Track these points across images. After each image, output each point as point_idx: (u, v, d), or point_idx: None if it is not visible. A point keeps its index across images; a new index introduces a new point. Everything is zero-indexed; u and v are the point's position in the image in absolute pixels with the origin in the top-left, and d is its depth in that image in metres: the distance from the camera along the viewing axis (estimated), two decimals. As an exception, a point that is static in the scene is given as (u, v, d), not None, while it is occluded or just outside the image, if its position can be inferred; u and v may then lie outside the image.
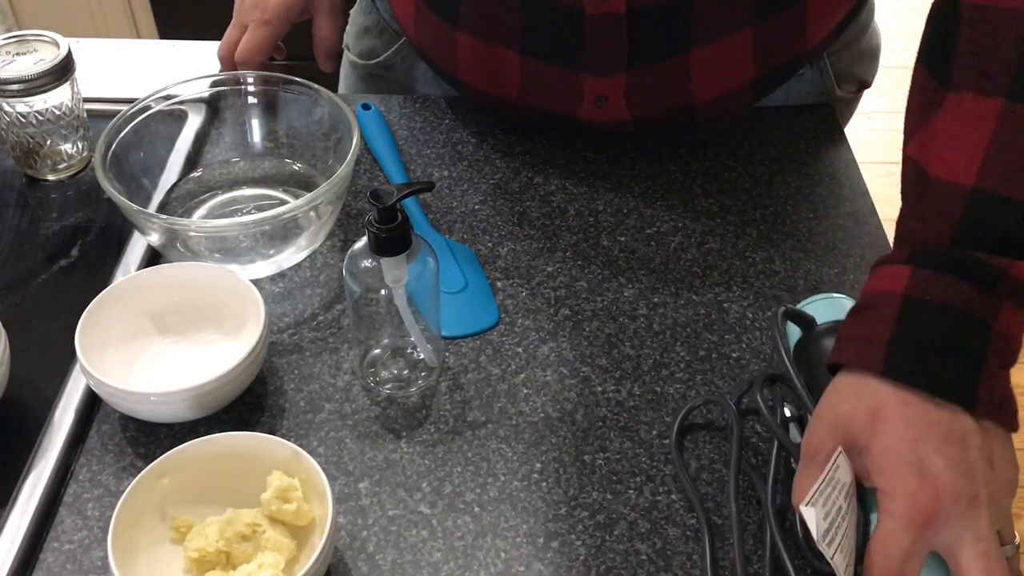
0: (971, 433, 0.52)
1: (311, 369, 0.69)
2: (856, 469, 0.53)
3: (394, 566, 0.58)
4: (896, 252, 0.59)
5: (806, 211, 0.81)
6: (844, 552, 0.51)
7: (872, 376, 0.54)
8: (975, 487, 0.50)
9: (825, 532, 0.49)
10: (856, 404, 0.54)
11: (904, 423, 0.52)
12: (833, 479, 0.52)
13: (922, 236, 0.58)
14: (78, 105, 0.83)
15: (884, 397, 0.53)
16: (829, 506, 0.51)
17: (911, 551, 0.50)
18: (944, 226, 0.57)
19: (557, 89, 0.80)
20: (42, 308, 0.73)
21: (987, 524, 0.50)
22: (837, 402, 0.55)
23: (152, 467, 0.57)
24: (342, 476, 0.63)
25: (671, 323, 0.72)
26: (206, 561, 0.56)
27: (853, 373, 0.55)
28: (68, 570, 0.58)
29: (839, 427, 0.54)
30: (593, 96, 0.79)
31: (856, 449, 0.53)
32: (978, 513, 0.50)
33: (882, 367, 0.53)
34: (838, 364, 0.56)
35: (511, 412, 0.67)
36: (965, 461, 0.51)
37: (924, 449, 0.51)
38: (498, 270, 0.76)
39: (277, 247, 0.74)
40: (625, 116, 0.81)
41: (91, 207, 0.82)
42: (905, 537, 0.50)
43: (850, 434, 0.53)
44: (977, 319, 0.53)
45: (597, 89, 0.78)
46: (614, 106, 0.80)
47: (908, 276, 0.55)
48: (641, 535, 0.60)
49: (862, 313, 0.57)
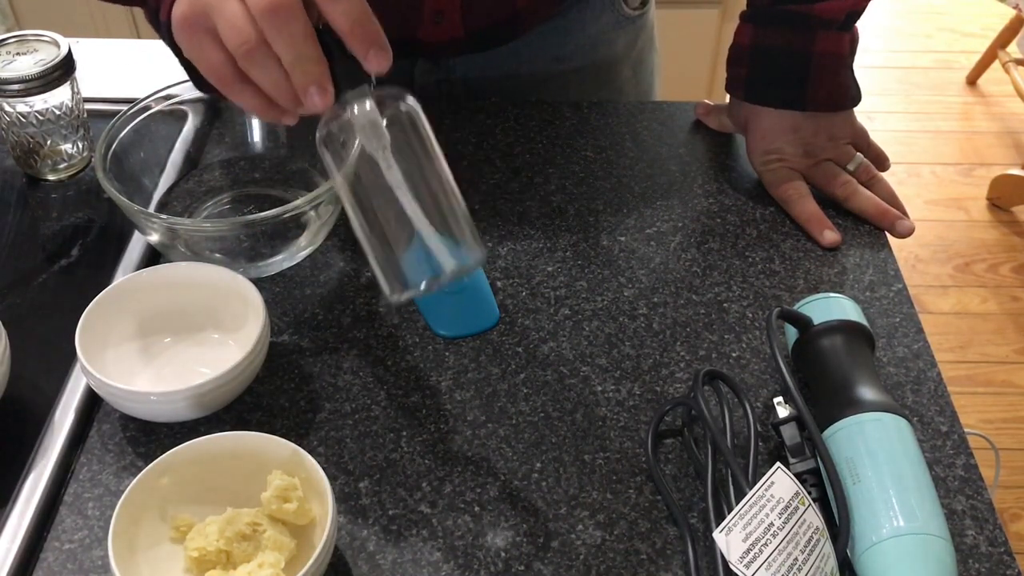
0: (800, 126, 0.82)
1: (311, 369, 0.69)
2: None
3: (394, 566, 0.58)
4: (744, 11, 0.85)
5: (806, 211, 0.81)
6: (774, 568, 0.53)
7: (740, 100, 0.85)
8: (807, 150, 0.82)
9: (744, 553, 0.53)
10: (737, 112, 0.86)
11: (761, 129, 0.83)
12: (763, 497, 0.55)
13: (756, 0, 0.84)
14: (78, 105, 0.83)
15: (747, 112, 0.84)
16: (753, 526, 0.54)
17: (780, 173, 0.82)
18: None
19: (395, 10, 0.80)
20: (42, 308, 0.73)
21: (829, 170, 0.82)
22: (729, 108, 0.88)
23: (152, 467, 0.57)
24: (342, 476, 0.63)
25: (671, 323, 0.72)
26: (206, 560, 0.56)
27: (732, 101, 0.87)
28: (68, 569, 0.58)
29: (736, 113, 0.86)
30: (432, 12, 0.83)
31: (745, 128, 0.85)
32: (820, 166, 0.82)
33: (743, 95, 0.84)
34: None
35: (511, 412, 0.67)
36: (801, 141, 0.82)
37: (769, 139, 0.83)
38: (498, 270, 0.76)
39: (277, 247, 0.74)
40: (459, 32, 0.86)
41: (91, 207, 0.82)
42: (772, 174, 0.83)
43: (739, 123, 0.86)
44: (798, 52, 0.81)
45: (436, 3, 0.83)
46: (451, 20, 0.85)
47: (750, 32, 0.84)
48: (641, 535, 0.60)
49: (732, 61, 0.86)
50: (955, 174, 2.43)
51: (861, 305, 0.69)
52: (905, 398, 0.68)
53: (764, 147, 0.83)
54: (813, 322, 0.66)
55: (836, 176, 0.82)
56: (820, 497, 0.60)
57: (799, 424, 0.61)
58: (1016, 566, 0.59)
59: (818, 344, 0.65)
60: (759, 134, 0.83)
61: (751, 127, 0.84)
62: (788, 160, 0.82)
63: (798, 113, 0.82)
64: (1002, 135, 2.56)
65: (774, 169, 0.82)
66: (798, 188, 0.81)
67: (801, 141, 0.82)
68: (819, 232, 0.79)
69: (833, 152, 0.82)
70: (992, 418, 1.88)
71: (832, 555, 0.55)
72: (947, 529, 0.56)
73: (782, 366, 0.61)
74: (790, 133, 0.82)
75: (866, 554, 0.55)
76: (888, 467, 0.58)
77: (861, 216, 0.81)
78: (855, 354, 0.64)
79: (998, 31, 2.60)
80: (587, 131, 0.88)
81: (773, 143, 0.82)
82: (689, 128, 0.89)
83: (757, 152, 0.83)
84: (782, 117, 0.82)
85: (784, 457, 0.61)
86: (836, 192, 0.81)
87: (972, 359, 1.99)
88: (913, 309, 0.74)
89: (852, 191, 0.81)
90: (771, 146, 0.82)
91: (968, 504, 0.62)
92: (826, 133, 0.82)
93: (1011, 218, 2.31)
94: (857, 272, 0.77)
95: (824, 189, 0.82)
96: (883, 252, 0.79)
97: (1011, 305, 2.10)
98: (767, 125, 0.83)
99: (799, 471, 0.60)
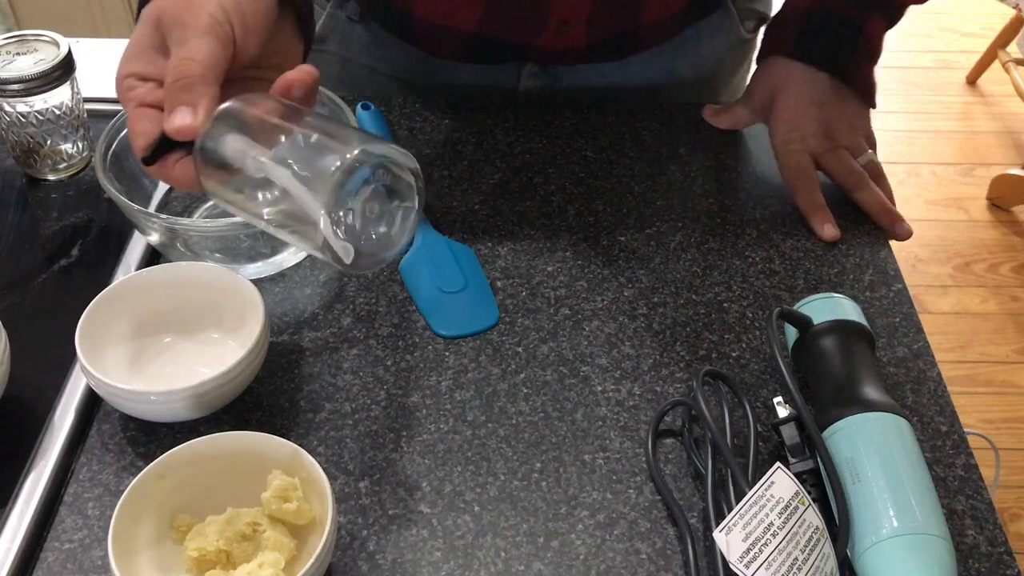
0: (828, 102, 0.82)
1: (311, 369, 0.69)
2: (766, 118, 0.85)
3: (394, 566, 0.58)
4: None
5: (806, 211, 0.81)
6: (774, 567, 0.53)
7: (782, 57, 0.84)
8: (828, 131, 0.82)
9: (744, 552, 0.53)
10: (767, 79, 0.85)
11: (789, 96, 0.83)
12: (763, 497, 0.55)
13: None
14: (78, 105, 0.83)
15: (782, 76, 0.84)
16: (753, 526, 0.54)
17: (794, 156, 0.82)
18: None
19: (520, 17, 0.81)
20: (42, 308, 0.73)
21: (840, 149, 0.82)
22: (758, 75, 0.87)
23: (152, 467, 0.57)
24: (342, 475, 0.63)
25: (671, 323, 0.72)
26: (206, 560, 0.56)
27: (770, 59, 0.85)
28: (68, 569, 0.58)
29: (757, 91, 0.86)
30: (558, 20, 0.82)
31: (766, 106, 0.84)
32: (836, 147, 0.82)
33: (790, 50, 0.84)
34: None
35: (511, 412, 0.67)
36: (824, 119, 0.82)
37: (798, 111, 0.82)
38: (498, 270, 0.76)
39: (277, 247, 0.74)
40: (580, 42, 0.84)
41: (91, 207, 0.82)
42: (788, 155, 0.82)
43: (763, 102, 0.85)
44: (854, 24, 0.83)
45: (563, 12, 0.81)
46: (574, 31, 0.83)
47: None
48: (641, 535, 0.60)
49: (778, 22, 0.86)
50: (955, 174, 2.43)
51: (861, 305, 0.69)
52: (905, 398, 0.68)
53: (788, 125, 0.82)
54: (813, 322, 0.66)
55: (849, 165, 0.82)
56: (820, 497, 0.60)
57: (799, 424, 0.61)
58: (1016, 566, 0.59)
59: (818, 344, 0.65)
60: (786, 108, 0.83)
61: (778, 102, 0.83)
62: (808, 141, 0.82)
63: (828, 90, 0.82)
64: (1002, 135, 2.56)
65: (794, 151, 0.82)
66: (810, 178, 0.81)
67: (825, 120, 0.82)
68: (820, 225, 0.79)
69: (850, 139, 0.83)
70: (992, 418, 1.89)
71: (832, 555, 0.55)
72: (947, 529, 0.56)
73: (782, 366, 0.61)
74: (816, 109, 0.82)
75: (866, 554, 0.55)
76: (888, 467, 0.58)
77: (864, 210, 0.81)
78: (855, 354, 0.64)
79: (998, 31, 2.60)
80: (587, 131, 0.88)
81: (797, 119, 0.82)
82: (689, 128, 0.89)
83: (780, 131, 0.83)
84: (813, 89, 0.82)
85: (784, 457, 0.61)
86: (846, 180, 0.81)
87: (972, 359, 1.99)
88: (913, 309, 0.74)
89: (862, 183, 0.81)
90: (795, 122, 0.82)
91: (968, 504, 0.62)
92: (848, 119, 0.83)
93: (1011, 218, 2.32)
94: (857, 272, 0.77)
95: (835, 176, 0.82)
96: (883, 252, 0.79)
97: (1011, 305, 2.10)
98: (796, 96, 0.83)
99: (799, 471, 0.60)
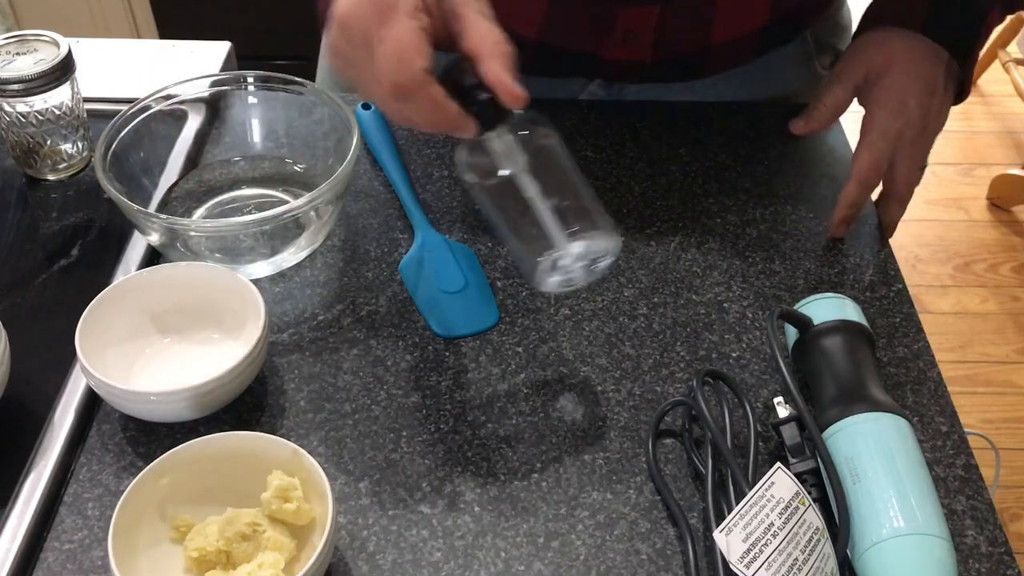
0: (939, 91, 0.77)
1: (311, 369, 0.69)
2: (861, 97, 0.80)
3: (394, 566, 0.58)
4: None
5: (806, 211, 0.81)
6: (774, 568, 0.53)
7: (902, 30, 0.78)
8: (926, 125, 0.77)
9: (744, 553, 0.53)
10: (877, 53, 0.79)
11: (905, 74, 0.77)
12: (763, 497, 0.55)
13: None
14: (78, 105, 0.83)
15: (899, 52, 0.78)
16: (754, 526, 0.54)
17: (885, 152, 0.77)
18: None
19: (584, 23, 0.80)
20: (42, 308, 0.73)
21: (921, 154, 0.79)
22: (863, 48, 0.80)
23: (152, 467, 0.57)
24: (342, 476, 0.63)
25: (671, 323, 0.72)
26: (206, 561, 0.56)
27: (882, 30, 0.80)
28: (68, 570, 0.58)
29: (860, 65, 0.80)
30: (623, 30, 0.80)
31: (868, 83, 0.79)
32: (922, 144, 0.78)
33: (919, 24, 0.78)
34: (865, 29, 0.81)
35: (511, 412, 0.67)
36: (930, 109, 0.77)
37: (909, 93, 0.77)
38: (498, 270, 0.76)
39: (277, 247, 0.74)
40: (646, 55, 0.82)
41: (91, 207, 0.82)
42: (883, 143, 0.77)
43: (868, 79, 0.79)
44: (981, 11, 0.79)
45: (629, 22, 0.79)
46: (641, 42, 0.80)
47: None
48: (641, 535, 0.60)
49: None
50: (955, 174, 2.43)
51: (861, 305, 0.69)
52: (905, 398, 0.68)
53: (894, 111, 0.77)
54: (813, 322, 0.66)
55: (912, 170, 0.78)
56: (820, 497, 0.60)
57: (799, 424, 0.61)
58: (1016, 566, 0.59)
59: (818, 344, 0.65)
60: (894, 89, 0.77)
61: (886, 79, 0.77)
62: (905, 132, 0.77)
63: (942, 76, 0.77)
64: (1002, 135, 2.56)
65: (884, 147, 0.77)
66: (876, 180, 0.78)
67: (927, 108, 0.77)
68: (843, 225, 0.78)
69: (930, 141, 0.79)
70: (992, 418, 1.88)
71: (832, 555, 0.55)
72: (947, 529, 0.56)
73: (782, 366, 0.61)
74: (926, 94, 0.77)
75: (866, 554, 0.55)
76: (888, 467, 0.58)
77: (878, 213, 0.81)
78: (855, 354, 0.64)
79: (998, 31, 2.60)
80: (587, 131, 0.88)
81: (906, 104, 0.76)
82: (689, 128, 0.89)
83: (881, 117, 0.77)
84: (930, 71, 0.77)
85: (784, 457, 0.61)
86: (899, 174, 0.78)
87: (972, 359, 1.99)
88: (913, 309, 0.74)
89: (906, 196, 0.79)
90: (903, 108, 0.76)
91: (968, 504, 0.62)
92: (942, 117, 0.79)
93: (1011, 218, 2.31)
94: (857, 272, 0.77)
95: (899, 165, 0.78)
96: (883, 252, 0.79)
97: (1011, 305, 2.10)
98: (911, 76, 0.77)
99: (799, 471, 0.60)
